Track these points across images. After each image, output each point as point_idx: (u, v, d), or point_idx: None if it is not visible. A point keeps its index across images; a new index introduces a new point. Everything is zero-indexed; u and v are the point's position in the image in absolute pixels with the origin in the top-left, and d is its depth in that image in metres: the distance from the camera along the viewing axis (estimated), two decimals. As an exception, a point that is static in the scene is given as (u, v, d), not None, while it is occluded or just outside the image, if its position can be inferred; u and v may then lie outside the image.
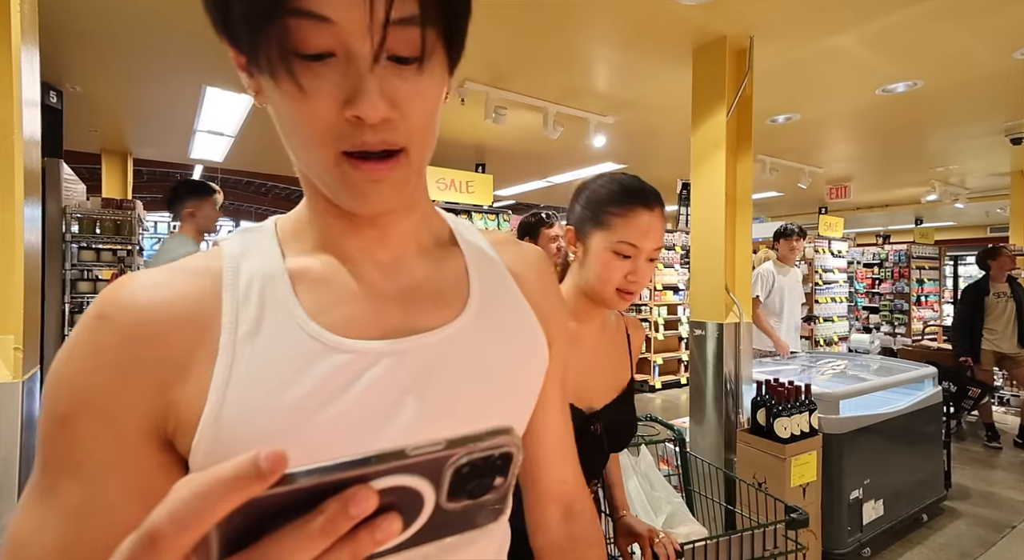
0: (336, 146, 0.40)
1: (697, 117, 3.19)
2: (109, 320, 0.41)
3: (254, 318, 0.43)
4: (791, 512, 1.14)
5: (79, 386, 0.40)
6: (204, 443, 0.40)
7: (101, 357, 0.40)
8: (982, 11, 2.80)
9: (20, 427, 1.58)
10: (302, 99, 0.38)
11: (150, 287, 0.42)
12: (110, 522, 0.39)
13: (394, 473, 0.21)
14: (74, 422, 0.39)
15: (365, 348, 0.44)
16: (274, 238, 0.48)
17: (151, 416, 0.41)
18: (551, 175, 7.11)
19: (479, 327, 0.50)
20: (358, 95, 0.37)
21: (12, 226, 1.56)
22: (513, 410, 0.53)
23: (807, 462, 2.42)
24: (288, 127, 0.41)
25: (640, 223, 0.98)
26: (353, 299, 0.47)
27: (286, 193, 17.27)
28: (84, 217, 3.06)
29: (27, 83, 1.63)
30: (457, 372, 0.47)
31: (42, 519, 0.39)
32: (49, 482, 0.40)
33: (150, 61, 3.46)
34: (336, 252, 0.48)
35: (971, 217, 10.83)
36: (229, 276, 0.44)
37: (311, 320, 0.44)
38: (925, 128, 5.01)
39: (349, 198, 0.42)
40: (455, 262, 0.53)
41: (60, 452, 0.40)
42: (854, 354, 5.33)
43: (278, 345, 0.43)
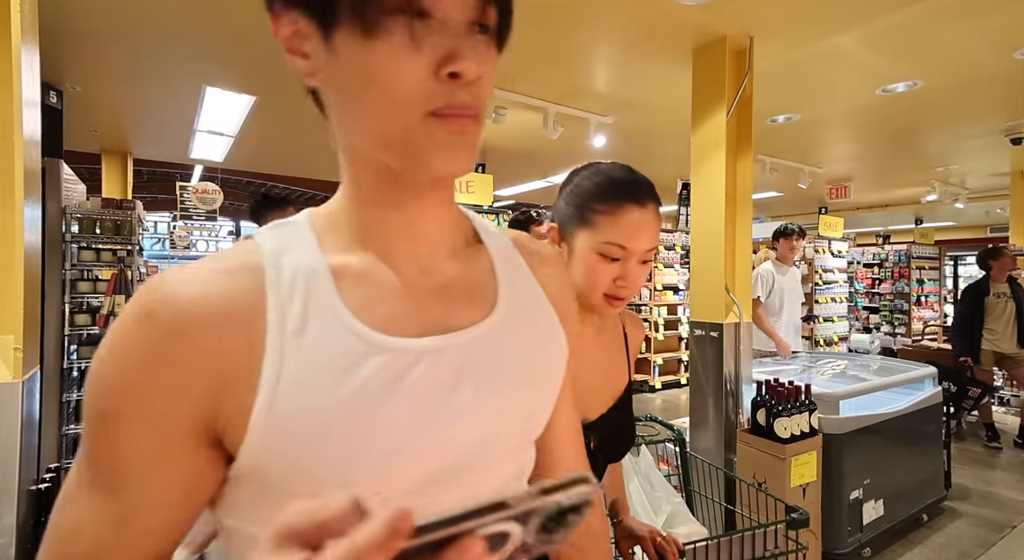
0: (424, 106, 0.41)
1: (697, 117, 3.19)
2: (154, 317, 0.40)
3: (299, 316, 0.43)
4: (792, 512, 1.14)
5: (124, 385, 0.39)
6: (255, 440, 0.41)
7: (147, 355, 0.40)
8: (982, 11, 2.80)
9: (20, 427, 1.58)
10: (404, 54, 0.39)
11: (194, 284, 0.42)
12: (157, 521, 0.41)
13: (495, 522, 0.24)
14: (117, 422, 0.39)
15: (407, 346, 0.45)
16: (311, 233, 0.48)
17: (199, 414, 0.41)
18: (551, 175, 7.11)
19: (508, 325, 0.51)
20: (459, 53, 0.40)
21: (12, 226, 1.56)
22: (540, 404, 0.54)
23: (807, 462, 2.42)
24: (373, 91, 0.41)
25: (630, 222, 0.85)
26: (393, 296, 0.47)
27: (286, 193, 17.27)
28: (84, 217, 3.06)
29: (27, 83, 1.63)
30: (490, 369, 0.49)
31: (87, 514, 0.40)
32: (93, 477, 0.40)
33: (150, 61, 3.46)
34: (375, 247, 0.48)
35: (971, 217, 10.82)
36: (271, 273, 0.44)
37: (354, 318, 0.44)
38: (925, 128, 5.01)
39: (435, 152, 0.42)
40: (482, 261, 0.54)
41: (103, 450, 0.40)
42: (854, 354, 5.33)
43: (324, 343, 0.43)
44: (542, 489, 0.25)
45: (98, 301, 3.06)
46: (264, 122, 4.72)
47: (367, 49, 0.40)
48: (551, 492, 0.25)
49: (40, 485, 1.85)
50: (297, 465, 0.41)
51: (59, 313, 2.92)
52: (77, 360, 3.02)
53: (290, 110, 4.47)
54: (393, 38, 0.39)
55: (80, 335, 3.06)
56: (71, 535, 0.40)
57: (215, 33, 3.09)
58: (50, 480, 1.90)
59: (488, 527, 0.24)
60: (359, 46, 0.40)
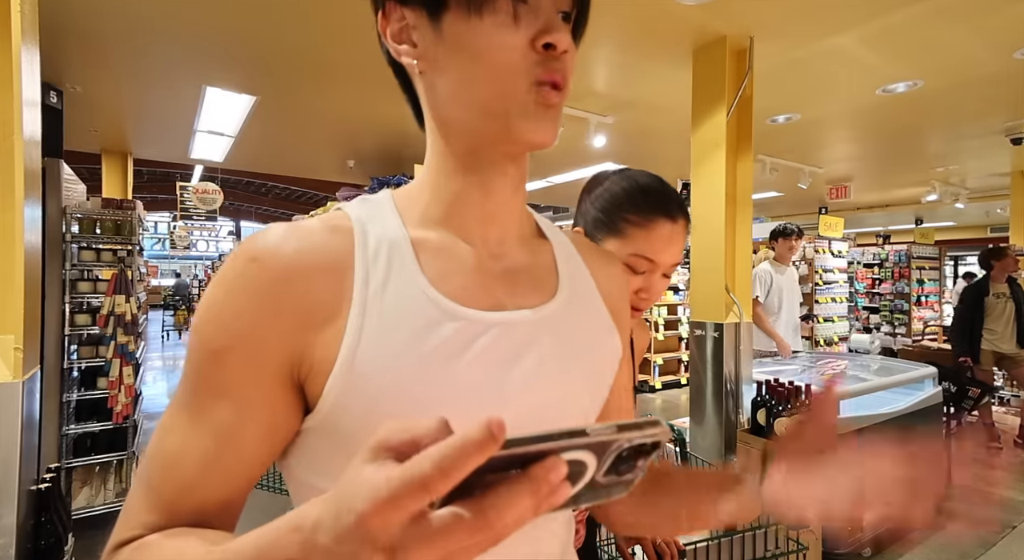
0: (530, 74, 0.46)
1: (697, 117, 3.19)
2: (261, 263, 0.45)
3: (382, 277, 0.47)
4: (792, 512, 1.13)
5: (233, 323, 0.44)
6: (337, 387, 0.44)
7: (252, 297, 0.44)
8: (982, 11, 2.80)
9: (20, 427, 1.58)
10: (508, 27, 0.45)
11: (295, 237, 0.47)
12: (245, 451, 0.45)
13: (575, 449, 0.25)
14: (226, 355, 0.44)
15: (477, 317, 0.49)
16: (394, 209, 0.53)
17: (290, 357, 0.45)
18: (551, 175, 7.11)
19: (567, 313, 0.55)
20: (552, 27, 0.46)
21: (12, 226, 1.56)
22: (597, 386, 0.58)
23: (807, 462, 2.42)
24: (480, 63, 0.46)
25: (661, 235, 0.85)
26: (466, 271, 0.51)
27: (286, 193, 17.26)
28: (84, 217, 3.05)
29: (27, 83, 1.63)
30: (551, 348, 0.52)
31: (192, 435, 0.44)
32: (199, 404, 0.44)
33: (150, 61, 3.46)
34: (453, 225, 0.53)
35: (971, 217, 10.83)
36: (360, 236, 0.49)
37: (431, 286, 0.48)
38: (925, 128, 5.01)
39: (529, 122, 0.47)
40: (546, 252, 0.59)
41: (212, 380, 0.44)
42: (854, 354, 5.33)
43: (403, 304, 0.47)
44: (619, 425, 0.26)
45: (98, 301, 3.06)
46: (264, 122, 4.72)
47: (474, 28, 0.46)
48: (626, 430, 0.26)
49: (40, 485, 1.85)
50: (369, 418, 0.44)
51: (59, 313, 2.92)
52: (77, 360, 3.01)
53: (290, 110, 4.47)
54: (498, 16, 0.45)
55: (80, 335, 3.06)
56: (172, 460, 0.44)
57: (215, 33, 3.09)
58: (50, 480, 1.90)
59: (569, 452, 0.25)
60: (466, 26, 0.46)
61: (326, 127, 4.99)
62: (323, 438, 0.47)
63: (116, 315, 3.01)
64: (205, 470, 0.44)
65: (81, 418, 3.04)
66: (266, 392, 0.45)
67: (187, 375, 0.45)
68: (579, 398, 0.56)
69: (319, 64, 3.50)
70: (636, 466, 0.28)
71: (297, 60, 3.44)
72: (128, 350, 3.08)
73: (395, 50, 0.50)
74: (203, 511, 0.44)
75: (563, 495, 0.25)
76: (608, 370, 0.59)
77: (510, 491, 0.24)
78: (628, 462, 0.27)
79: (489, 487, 0.25)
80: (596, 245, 0.66)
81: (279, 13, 2.79)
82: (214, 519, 0.44)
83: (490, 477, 0.25)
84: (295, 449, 0.48)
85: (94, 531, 2.85)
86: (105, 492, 3.11)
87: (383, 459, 0.26)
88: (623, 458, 0.27)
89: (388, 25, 0.50)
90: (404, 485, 0.24)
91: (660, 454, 0.28)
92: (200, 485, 0.44)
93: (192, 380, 0.45)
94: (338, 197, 5.34)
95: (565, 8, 0.49)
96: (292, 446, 0.48)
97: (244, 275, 0.45)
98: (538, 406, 0.51)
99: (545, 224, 0.62)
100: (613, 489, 0.28)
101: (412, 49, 0.50)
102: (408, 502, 0.24)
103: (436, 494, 0.24)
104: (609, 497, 0.28)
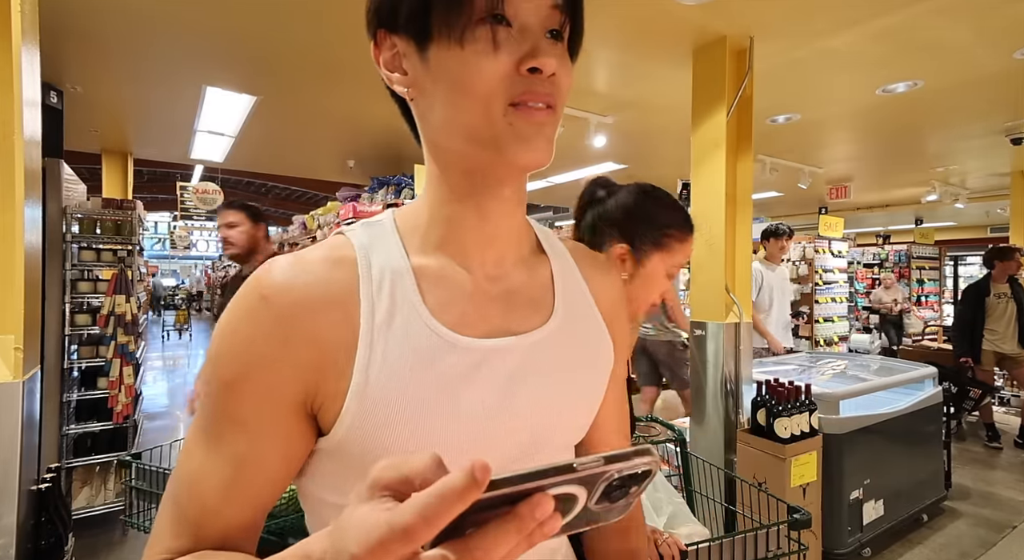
0: (506, 97, 0.46)
1: (697, 117, 3.19)
2: (270, 301, 0.47)
3: (387, 310, 0.49)
4: (794, 512, 1.14)
5: (245, 356, 0.46)
6: (349, 415, 0.47)
7: (265, 332, 0.46)
8: (982, 11, 2.80)
9: (20, 427, 1.58)
10: (488, 55, 0.45)
11: (302, 274, 0.49)
12: (262, 476, 0.47)
13: (563, 484, 0.26)
14: (241, 386, 0.46)
15: (474, 346, 0.51)
16: (395, 233, 0.54)
17: (303, 389, 0.47)
18: (551, 175, 7.11)
19: (562, 333, 0.57)
20: (538, 51, 0.46)
21: (12, 226, 1.56)
22: (586, 406, 0.60)
23: (807, 462, 2.42)
24: (460, 90, 0.47)
25: (690, 249, 1.05)
26: (464, 298, 0.53)
27: (286, 193, 17.25)
28: (84, 217, 3.05)
29: (27, 83, 1.63)
30: (544, 372, 0.54)
31: (210, 462, 0.46)
32: (217, 431, 0.47)
33: (150, 61, 3.46)
34: (451, 250, 0.54)
35: (971, 217, 10.82)
36: (363, 268, 0.50)
37: (432, 316, 0.50)
38: (925, 128, 5.01)
39: (515, 143, 0.47)
40: (544, 270, 0.60)
41: (228, 410, 0.47)
42: (854, 354, 5.33)
43: (408, 337, 0.49)
44: (606, 457, 0.26)
45: (98, 301, 3.06)
46: (264, 122, 4.72)
47: (455, 56, 0.46)
48: (615, 461, 0.26)
49: (40, 485, 1.85)
50: (377, 445, 0.47)
51: (59, 313, 2.91)
52: (77, 360, 3.01)
53: (290, 110, 4.47)
54: (478, 44, 0.46)
55: (80, 335, 3.06)
56: (191, 484, 0.47)
57: (215, 33, 3.09)
58: (50, 480, 1.90)
59: (557, 487, 0.26)
60: (448, 54, 0.46)
61: (326, 127, 4.98)
62: (336, 459, 0.49)
63: (116, 315, 3.01)
64: (225, 495, 0.46)
65: (81, 418, 3.04)
66: (280, 422, 0.47)
67: (204, 402, 0.48)
68: (576, 416, 0.58)
69: (320, 64, 3.50)
70: (629, 493, 0.28)
71: (297, 60, 3.43)
72: (128, 350, 3.08)
73: (388, 78, 0.51)
74: (226, 535, 0.46)
75: (554, 527, 0.26)
76: (601, 381, 0.61)
77: (497, 530, 0.25)
78: (620, 489, 0.28)
79: (480, 524, 0.25)
80: (593, 253, 0.68)
81: (280, 13, 2.79)
82: (238, 541, 0.47)
83: (482, 515, 0.25)
84: (309, 468, 0.51)
85: (94, 531, 2.85)
86: (105, 492, 3.11)
87: (378, 498, 0.27)
88: (614, 486, 0.27)
89: (380, 53, 0.51)
90: (390, 533, 0.25)
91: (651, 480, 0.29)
92: (221, 509, 0.46)
93: (210, 408, 0.47)
94: (338, 197, 5.34)
95: (554, 26, 0.48)
96: (306, 465, 0.51)
97: (256, 312, 0.47)
98: (536, 426, 0.53)
99: (544, 237, 0.63)
100: (607, 514, 0.29)
101: (404, 77, 0.50)
102: (394, 548, 0.25)
103: (421, 541, 0.25)
104: (606, 520, 0.29)
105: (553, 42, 0.48)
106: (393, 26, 0.49)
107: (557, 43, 0.49)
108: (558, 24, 0.49)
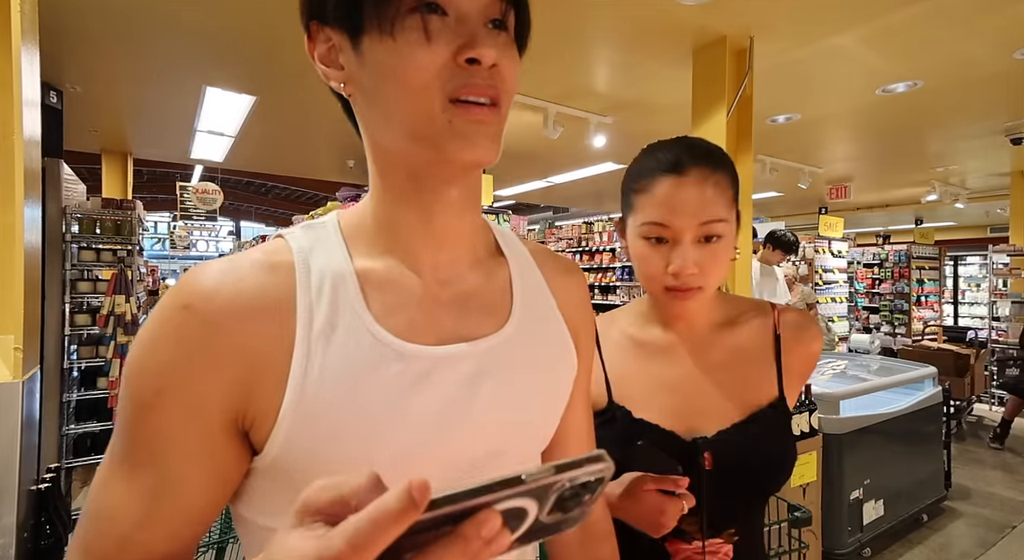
0: (444, 92, 0.43)
1: (697, 117, 3.19)
2: (193, 310, 0.42)
3: (326, 317, 0.45)
4: (794, 511, 1.14)
5: (165, 374, 0.41)
6: (282, 435, 0.42)
7: (186, 347, 0.41)
8: (982, 11, 2.80)
9: (20, 427, 1.58)
10: (421, 46, 0.43)
11: (231, 280, 0.44)
12: (187, 504, 0.42)
13: (511, 497, 0.24)
14: (160, 409, 0.41)
15: (423, 353, 0.47)
16: (339, 236, 0.50)
17: (232, 406, 0.42)
18: (551, 175, 7.11)
19: (519, 338, 0.53)
20: (476, 41, 0.43)
21: (12, 226, 1.56)
22: (547, 413, 0.56)
23: (807, 462, 2.42)
24: (395, 84, 0.44)
25: (663, 194, 0.73)
26: (413, 304, 0.49)
27: (286, 193, 17.26)
28: (84, 217, 3.05)
29: (27, 83, 1.63)
30: (501, 379, 0.50)
31: (129, 491, 0.41)
32: (132, 463, 0.42)
33: (150, 61, 3.46)
34: (398, 253, 0.50)
35: (971, 217, 10.82)
36: (302, 273, 0.46)
37: (377, 323, 0.46)
38: (925, 128, 5.01)
39: (455, 141, 0.44)
40: (501, 272, 0.56)
41: (144, 436, 0.41)
42: (854, 354, 5.32)
43: (348, 346, 0.45)
44: (557, 466, 0.25)
45: (98, 301, 3.06)
46: (264, 122, 4.72)
47: (388, 48, 0.43)
48: (566, 470, 0.25)
49: (40, 485, 1.85)
50: (317, 461, 0.43)
51: (59, 313, 2.92)
52: (77, 360, 3.01)
53: (290, 110, 4.47)
54: (411, 34, 0.43)
55: (80, 335, 3.06)
56: (108, 516, 0.41)
57: (215, 33, 3.09)
58: (50, 480, 1.90)
59: (504, 502, 0.24)
60: (382, 47, 0.43)
61: (326, 127, 4.99)
62: (271, 479, 0.45)
63: (116, 315, 3.01)
64: (144, 527, 0.41)
65: (81, 418, 3.04)
66: (207, 443, 0.42)
67: (121, 426, 0.42)
68: (535, 422, 0.54)
69: (319, 64, 3.50)
70: (583, 501, 0.27)
71: (297, 60, 3.43)
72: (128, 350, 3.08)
73: (324, 73, 0.48)
74: None
75: (502, 545, 0.25)
76: (563, 388, 0.58)
77: (440, 553, 0.24)
78: (574, 499, 0.27)
79: (420, 547, 0.24)
80: (555, 254, 0.64)
81: (279, 13, 2.79)
82: None
83: (422, 536, 0.24)
84: (242, 491, 0.46)
85: (94, 531, 2.84)
86: (105, 492, 3.11)
87: (309, 523, 0.25)
88: (565, 496, 0.26)
89: (315, 47, 0.48)
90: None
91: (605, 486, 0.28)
92: (140, 542, 0.41)
93: (127, 432, 0.42)
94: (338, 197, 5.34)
95: (495, 15, 0.45)
96: (240, 488, 0.46)
97: (176, 323, 0.42)
98: (493, 437, 0.49)
99: (503, 239, 0.59)
100: (561, 525, 0.28)
101: (339, 72, 0.47)
102: None
103: None
104: (559, 532, 0.28)
105: (495, 32, 0.45)
106: (324, 17, 0.46)
107: (500, 33, 0.46)
108: (499, 13, 0.46)
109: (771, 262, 4.15)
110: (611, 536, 0.69)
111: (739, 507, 0.78)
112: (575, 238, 7.50)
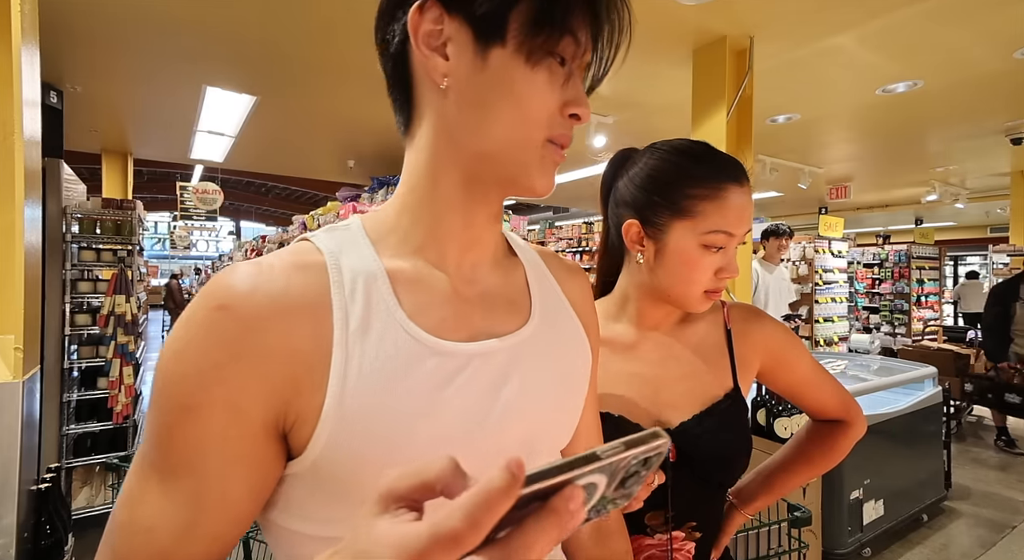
0: (548, 131, 0.48)
1: (697, 117, 3.19)
2: (230, 311, 0.41)
3: (361, 316, 0.45)
4: (794, 510, 1.14)
5: (205, 377, 0.40)
6: (325, 433, 0.42)
7: (226, 347, 0.40)
8: (982, 11, 2.80)
9: (20, 427, 1.58)
10: (553, 87, 0.47)
11: (265, 279, 0.43)
12: (229, 514, 0.41)
13: (590, 474, 0.25)
14: (199, 414, 0.40)
15: (457, 350, 0.48)
16: (365, 237, 0.51)
17: (273, 407, 0.42)
18: (551, 175, 7.11)
19: (543, 333, 0.55)
20: (583, 102, 0.49)
21: (12, 226, 1.56)
22: (572, 406, 0.58)
23: (807, 462, 2.42)
24: (515, 106, 0.46)
25: (735, 204, 0.77)
26: (443, 302, 0.50)
27: (286, 193, 17.27)
28: (84, 217, 3.05)
29: (27, 83, 1.63)
30: (529, 373, 0.52)
31: (166, 503, 0.40)
32: (169, 472, 0.40)
33: (150, 61, 3.47)
34: (428, 253, 0.51)
35: (971, 217, 10.83)
36: (334, 272, 0.46)
37: (410, 321, 0.47)
38: (925, 128, 5.01)
39: (538, 172, 0.49)
40: (518, 272, 0.59)
41: (183, 444, 0.40)
42: (854, 354, 5.32)
43: (384, 343, 0.45)
44: (625, 443, 0.26)
45: (98, 301, 3.06)
46: (264, 122, 4.72)
47: (525, 75, 0.45)
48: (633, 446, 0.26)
49: (40, 485, 1.85)
50: (361, 460, 0.43)
51: (59, 313, 2.91)
52: (77, 360, 3.01)
53: (291, 110, 4.48)
54: (546, 73, 0.46)
55: (80, 335, 3.06)
56: (145, 528, 0.40)
57: (215, 33, 3.09)
58: (50, 480, 1.90)
59: (584, 478, 0.25)
60: (516, 68, 0.45)
61: (326, 127, 4.99)
62: (309, 484, 0.44)
63: (116, 315, 3.01)
64: (184, 539, 0.40)
65: (81, 418, 3.04)
66: (247, 447, 0.41)
67: (155, 434, 0.41)
68: (564, 416, 0.57)
69: (319, 64, 3.50)
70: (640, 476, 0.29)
71: (297, 60, 3.44)
72: (128, 350, 3.08)
73: (423, 55, 0.46)
74: None
75: (581, 518, 0.26)
76: (583, 382, 0.60)
77: (537, 527, 0.24)
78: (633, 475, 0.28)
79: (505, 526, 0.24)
80: (559, 257, 0.66)
81: (280, 13, 2.79)
82: None
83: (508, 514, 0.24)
84: (277, 498, 0.46)
85: (94, 531, 2.85)
86: (105, 492, 3.11)
87: (395, 510, 0.25)
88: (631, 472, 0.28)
89: (421, 23, 0.46)
90: (436, 542, 0.23)
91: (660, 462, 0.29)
92: (180, 556, 0.40)
93: (161, 440, 0.40)
94: (338, 197, 5.34)
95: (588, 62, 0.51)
96: (273, 495, 0.46)
97: (212, 324, 0.41)
98: (525, 430, 0.51)
99: (515, 241, 0.62)
100: (618, 500, 0.29)
101: (443, 62, 0.46)
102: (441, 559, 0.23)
103: (469, 548, 0.23)
104: (615, 507, 0.29)
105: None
106: (454, 6, 0.45)
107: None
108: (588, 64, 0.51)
109: (774, 259, 4.13)
110: (623, 532, 0.70)
111: (700, 499, 0.83)
112: (575, 238, 7.50)
